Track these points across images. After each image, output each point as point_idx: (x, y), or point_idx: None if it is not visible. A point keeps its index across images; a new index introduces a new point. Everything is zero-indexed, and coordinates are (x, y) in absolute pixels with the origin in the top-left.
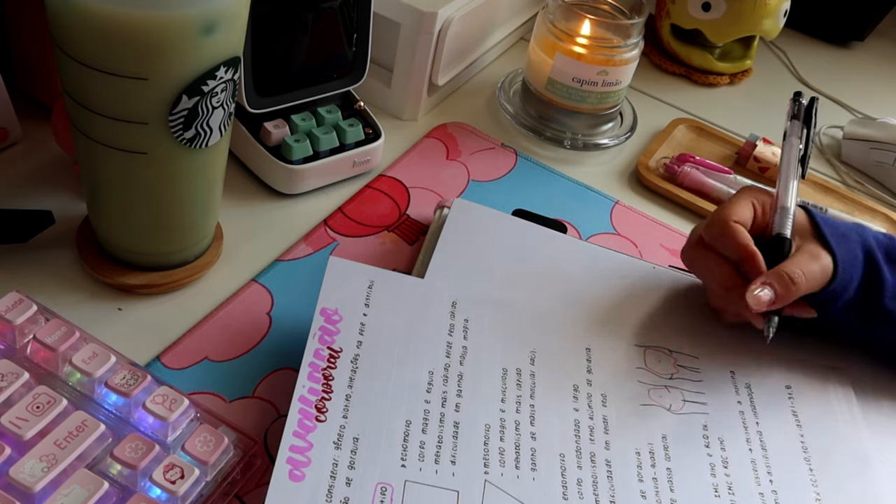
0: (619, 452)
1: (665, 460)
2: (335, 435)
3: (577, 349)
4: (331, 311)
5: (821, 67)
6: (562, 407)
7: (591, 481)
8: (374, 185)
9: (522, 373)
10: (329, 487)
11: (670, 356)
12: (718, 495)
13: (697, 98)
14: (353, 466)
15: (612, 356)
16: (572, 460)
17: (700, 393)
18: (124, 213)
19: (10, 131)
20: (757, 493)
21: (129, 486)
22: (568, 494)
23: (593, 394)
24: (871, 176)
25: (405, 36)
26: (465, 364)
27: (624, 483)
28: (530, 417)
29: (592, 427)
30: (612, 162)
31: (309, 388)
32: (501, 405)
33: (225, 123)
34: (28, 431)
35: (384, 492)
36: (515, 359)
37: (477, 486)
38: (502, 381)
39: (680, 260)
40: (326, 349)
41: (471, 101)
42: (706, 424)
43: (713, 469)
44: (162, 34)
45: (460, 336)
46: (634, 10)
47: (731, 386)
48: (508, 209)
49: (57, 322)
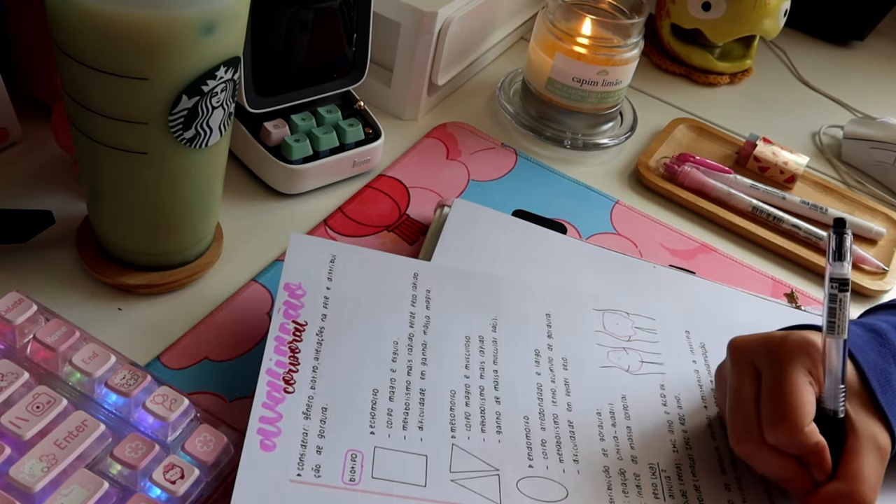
0: (580, 413)
1: (625, 419)
2: (304, 405)
3: (538, 315)
4: (294, 286)
5: (821, 67)
6: (524, 371)
7: (555, 441)
8: (374, 185)
9: (485, 340)
10: (300, 456)
11: (628, 318)
12: (676, 450)
13: (697, 98)
14: (322, 435)
15: (572, 321)
16: (536, 422)
17: (657, 353)
18: (124, 213)
19: (10, 131)
20: (713, 447)
21: (129, 486)
22: (532, 455)
23: (554, 358)
24: (872, 176)
25: (405, 36)
26: (429, 333)
27: (586, 442)
28: (494, 382)
29: (554, 390)
30: (612, 162)
31: (276, 361)
32: (465, 371)
33: (225, 123)
34: (28, 431)
35: (354, 458)
36: (477, 326)
37: (445, 449)
38: (465, 348)
39: (680, 261)
40: (291, 322)
41: (471, 101)
42: (663, 384)
43: (671, 426)
44: (162, 34)
45: (423, 306)
46: (634, 10)
47: (686, 346)
48: (508, 209)
49: (57, 322)
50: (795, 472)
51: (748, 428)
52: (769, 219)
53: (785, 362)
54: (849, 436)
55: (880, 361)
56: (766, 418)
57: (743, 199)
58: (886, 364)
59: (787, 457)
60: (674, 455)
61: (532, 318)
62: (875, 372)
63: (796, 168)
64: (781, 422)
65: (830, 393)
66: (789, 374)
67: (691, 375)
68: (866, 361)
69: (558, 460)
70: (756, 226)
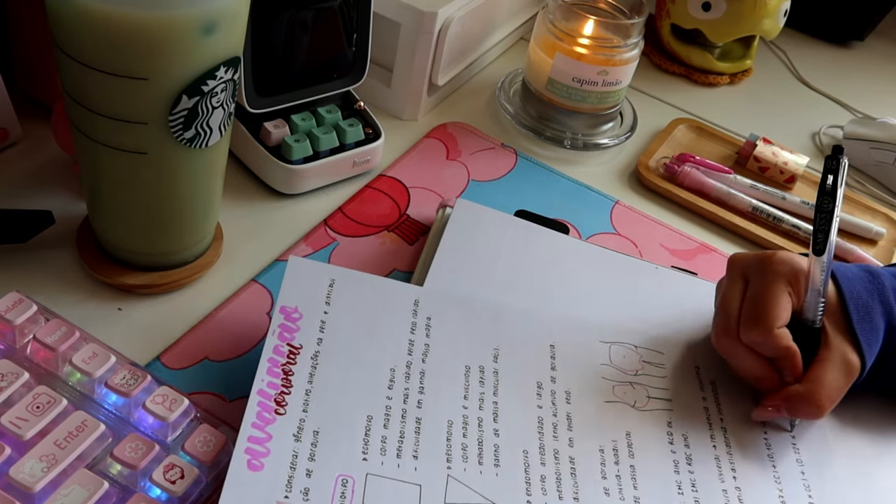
0: (582, 449)
1: (629, 457)
2: (295, 427)
3: (542, 346)
4: (290, 309)
5: (821, 67)
6: (525, 404)
7: (555, 477)
8: (374, 185)
9: (485, 370)
10: (289, 477)
11: (636, 352)
12: (682, 492)
13: (697, 98)
14: (313, 458)
15: (577, 352)
16: (535, 456)
17: (665, 389)
18: (124, 213)
19: (10, 131)
20: (720, 490)
21: (129, 485)
22: (531, 490)
23: (557, 391)
24: (871, 176)
25: (405, 36)
26: (428, 361)
27: (587, 479)
28: (493, 414)
29: (556, 424)
30: (612, 162)
31: (268, 382)
32: (464, 402)
33: (225, 123)
34: (28, 431)
35: (345, 483)
36: (478, 356)
37: (440, 480)
38: (465, 378)
39: (680, 261)
40: (286, 345)
41: (471, 101)
42: (670, 421)
43: (677, 466)
44: (162, 34)
45: (423, 334)
46: (634, 10)
47: (696, 383)
48: (509, 209)
49: (57, 322)
50: (766, 373)
51: (727, 325)
52: (769, 219)
53: (769, 273)
54: (821, 348)
55: (864, 294)
56: (743, 319)
57: (743, 199)
58: (870, 298)
59: (760, 357)
60: (679, 498)
61: (536, 349)
62: (855, 301)
63: (796, 168)
64: (756, 322)
65: (810, 304)
66: (770, 283)
67: (700, 413)
68: (850, 290)
69: (558, 497)
70: (756, 226)
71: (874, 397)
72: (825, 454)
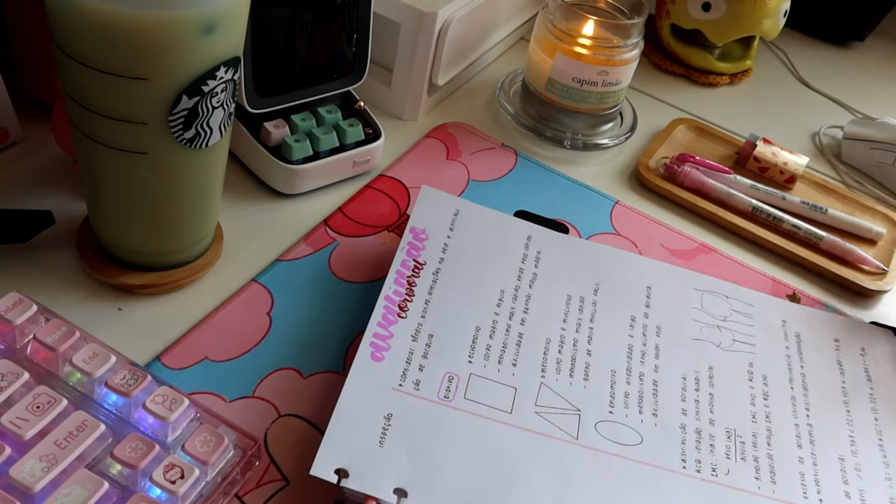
0: (666, 375)
1: (709, 386)
2: (413, 329)
3: (639, 286)
4: (419, 230)
5: (821, 67)
6: (618, 332)
7: (638, 396)
8: (374, 185)
9: (585, 300)
10: (404, 370)
11: (727, 301)
12: (756, 421)
13: (697, 98)
14: (426, 356)
15: (671, 295)
16: (622, 376)
17: (750, 335)
18: (124, 213)
19: (10, 131)
20: (793, 423)
21: (129, 486)
22: (614, 403)
23: (648, 325)
24: (871, 176)
25: (405, 36)
26: (534, 287)
27: (668, 399)
28: (588, 337)
29: (644, 352)
30: (612, 162)
31: (394, 290)
32: (563, 324)
33: (225, 123)
34: (28, 431)
35: (451, 380)
36: (580, 288)
37: (533, 386)
38: (566, 305)
39: (680, 261)
40: (412, 260)
41: (471, 101)
42: (752, 362)
43: (753, 399)
44: (162, 34)
45: (532, 264)
46: (634, 10)
47: (781, 333)
48: (509, 209)
49: (57, 322)
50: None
51: None
52: (769, 219)
53: None
54: None
55: None
56: None
57: (743, 199)
58: None
59: None
60: (752, 425)
61: (633, 288)
62: None
63: (796, 168)
64: None
65: None
66: None
67: (782, 360)
68: None
69: (638, 411)
70: (756, 226)
71: None
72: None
